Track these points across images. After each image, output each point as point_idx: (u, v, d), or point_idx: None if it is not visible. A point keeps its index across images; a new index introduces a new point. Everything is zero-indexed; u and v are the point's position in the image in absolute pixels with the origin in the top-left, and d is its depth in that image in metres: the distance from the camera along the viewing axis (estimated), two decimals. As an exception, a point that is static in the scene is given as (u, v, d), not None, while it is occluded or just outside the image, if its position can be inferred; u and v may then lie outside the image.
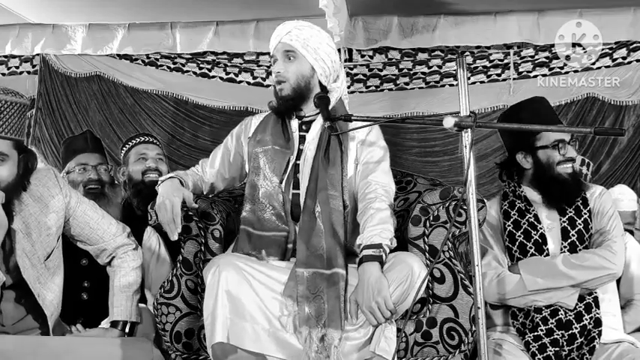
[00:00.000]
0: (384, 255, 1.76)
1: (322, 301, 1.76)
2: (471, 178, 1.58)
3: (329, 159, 1.94)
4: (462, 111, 1.60)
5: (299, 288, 1.78)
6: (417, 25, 4.68)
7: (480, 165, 4.30)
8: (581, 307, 1.98)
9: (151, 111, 5.05)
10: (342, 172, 1.94)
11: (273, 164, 1.96)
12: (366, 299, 1.70)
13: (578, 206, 2.08)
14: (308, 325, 1.74)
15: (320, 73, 1.97)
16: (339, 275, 1.80)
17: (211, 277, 1.72)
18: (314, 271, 1.81)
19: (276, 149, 1.98)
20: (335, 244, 1.85)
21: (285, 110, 2.01)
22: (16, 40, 5.10)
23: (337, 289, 1.78)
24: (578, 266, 1.96)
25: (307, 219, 1.89)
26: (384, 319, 1.70)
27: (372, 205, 1.85)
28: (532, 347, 1.95)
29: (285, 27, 1.98)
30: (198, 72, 5.04)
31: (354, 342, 1.75)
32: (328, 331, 1.73)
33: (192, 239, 2.04)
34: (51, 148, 5.06)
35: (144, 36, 4.98)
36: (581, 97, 4.57)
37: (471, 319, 1.86)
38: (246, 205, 1.97)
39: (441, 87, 4.77)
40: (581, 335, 1.96)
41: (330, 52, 1.98)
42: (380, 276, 1.71)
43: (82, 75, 5.10)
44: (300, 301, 1.77)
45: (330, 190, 1.91)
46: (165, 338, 1.96)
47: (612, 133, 1.65)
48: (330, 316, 1.74)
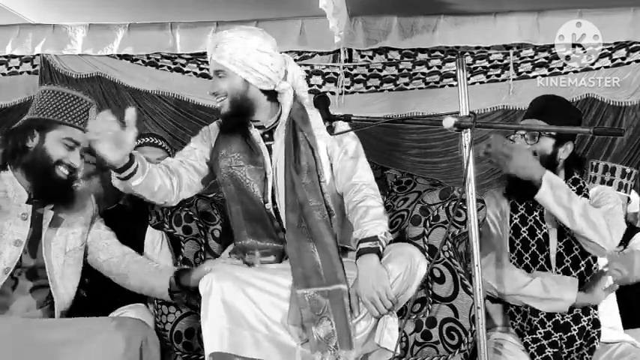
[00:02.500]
0: (381, 247, 1.76)
1: (330, 322, 1.72)
2: (471, 178, 1.58)
3: (301, 166, 1.89)
4: (462, 111, 1.60)
5: (302, 312, 1.73)
6: (417, 26, 4.68)
7: (480, 166, 4.29)
8: (578, 310, 1.97)
9: (151, 111, 5.05)
10: (318, 179, 1.89)
11: (253, 184, 1.91)
12: (366, 290, 1.69)
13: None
14: (320, 350, 1.70)
15: (255, 83, 1.89)
16: (342, 291, 1.76)
17: (205, 287, 1.71)
18: (315, 290, 1.76)
19: (251, 168, 1.92)
20: (329, 258, 1.80)
21: (231, 127, 1.96)
22: (17, 41, 5.11)
23: (342, 306, 1.73)
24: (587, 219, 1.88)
25: (293, 237, 1.84)
26: (385, 310, 1.70)
27: (362, 203, 1.84)
28: (531, 348, 1.95)
29: (212, 41, 1.91)
30: (198, 72, 5.04)
31: (357, 337, 1.75)
32: (341, 353, 1.70)
33: (192, 239, 2.05)
34: (51, 149, 5.06)
35: (144, 36, 4.98)
36: (581, 97, 4.57)
37: (471, 319, 1.86)
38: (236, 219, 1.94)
39: (440, 87, 4.77)
40: (580, 337, 1.96)
41: (261, 57, 1.87)
42: (379, 266, 1.72)
43: (83, 75, 5.11)
44: (306, 326, 1.72)
45: (312, 201, 1.85)
46: (166, 338, 1.97)
47: (611, 134, 1.65)
48: (340, 337, 1.71)
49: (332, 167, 1.95)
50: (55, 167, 1.82)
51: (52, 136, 1.82)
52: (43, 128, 1.83)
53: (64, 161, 1.83)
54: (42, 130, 1.83)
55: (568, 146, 2.06)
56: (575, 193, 1.96)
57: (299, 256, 1.81)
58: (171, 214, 2.04)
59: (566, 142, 2.05)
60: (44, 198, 1.85)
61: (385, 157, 4.60)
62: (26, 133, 1.83)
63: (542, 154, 2.03)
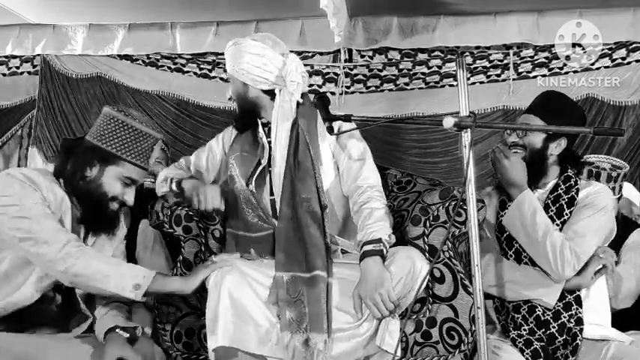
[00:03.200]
0: (385, 249, 1.79)
1: (303, 305, 1.76)
2: (471, 178, 1.58)
3: (299, 162, 1.95)
4: (462, 111, 1.60)
5: (279, 292, 1.78)
6: (417, 26, 4.68)
7: (480, 166, 4.29)
8: (559, 306, 1.96)
9: (151, 111, 5.05)
10: (314, 174, 1.94)
11: (242, 168, 2.02)
12: (369, 292, 1.71)
13: (561, 200, 2.04)
14: (290, 331, 1.74)
15: (252, 84, 2.00)
16: (320, 277, 1.79)
17: (213, 280, 1.73)
18: (293, 274, 1.81)
19: (244, 155, 2.04)
20: (313, 246, 1.84)
21: (242, 126, 2.10)
22: (17, 41, 5.11)
23: (318, 292, 1.77)
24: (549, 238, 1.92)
25: (283, 225, 1.90)
26: (387, 312, 1.72)
27: (367, 205, 1.89)
28: (518, 344, 1.94)
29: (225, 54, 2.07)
30: (198, 72, 5.04)
31: (359, 339, 1.76)
32: (311, 335, 1.73)
33: (192, 239, 2.05)
34: (52, 149, 5.07)
35: (144, 36, 4.98)
36: (581, 97, 4.56)
37: (471, 319, 1.86)
38: (230, 210, 2.01)
39: (440, 87, 4.77)
40: (562, 333, 1.93)
41: (253, 58, 1.97)
42: (382, 269, 1.74)
43: (83, 75, 5.11)
44: (280, 305, 1.76)
45: (303, 194, 1.91)
46: (166, 338, 1.97)
47: (611, 134, 1.65)
48: (312, 319, 1.74)
49: (338, 168, 2.02)
50: (109, 202, 1.80)
51: (112, 171, 1.78)
52: (105, 160, 1.78)
53: (118, 197, 1.80)
54: (103, 162, 1.78)
55: (562, 142, 2.03)
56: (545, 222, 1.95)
57: (285, 243, 1.87)
58: (171, 214, 2.04)
59: (559, 138, 2.02)
60: (91, 228, 1.83)
61: (385, 157, 4.60)
62: (86, 161, 1.78)
63: (532, 148, 2.02)
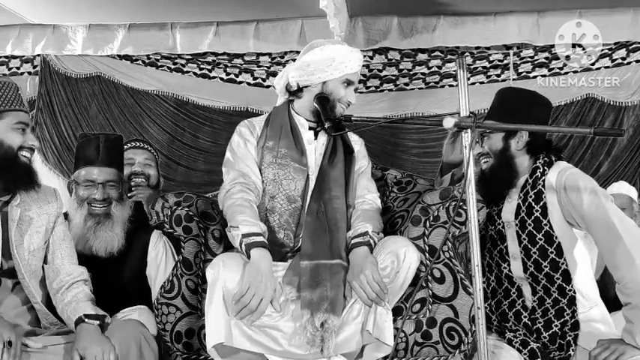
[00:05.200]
0: (372, 241, 1.84)
1: (325, 288, 1.78)
2: (471, 178, 1.58)
3: (333, 163, 1.99)
4: (462, 111, 1.61)
5: (302, 278, 1.80)
6: (417, 26, 4.68)
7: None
8: (551, 313, 1.88)
9: (151, 111, 5.05)
10: (345, 175, 1.99)
11: (294, 183, 1.98)
12: (355, 274, 1.76)
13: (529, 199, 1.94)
14: (310, 309, 1.75)
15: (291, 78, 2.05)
16: (341, 265, 1.82)
17: (212, 277, 1.73)
18: (317, 262, 1.83)
19: (296, 167, 1.98)
20: (338, 239, 1.88)
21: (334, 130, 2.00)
22: (17, 41, 5.12)
23: (339, 278, 1.80)
24: None
25: (311, 219, 1.92)
26: (373, 294, 1.72)
27: (359, 207, 1.98)
28: (515, 344, 1.88)
29: None
30: (198, 72, 5.04)
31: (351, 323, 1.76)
32: (330, 316, 1.74)
33: (192, 239, 2.05)
34: (52, 149, 5.07)
35: (144, 36, 4.99)
36: (581, 97, 4.57)
37: (471, 319, 1.86)
38: (260, 212, 1.94)
39: (440, 87, 4.77)
40: (553, 342, 1.86)
41: (300, 57, 2.06)
42: (367, 254, 1.80)
43: (83, 75, 5.11)
44: (302, 287, 1.79)
45: (334, 191, 1.96)
46: (166, 338, 1.97)
47: (611, 134, 1.64)
48: (332, 302, 1.76)
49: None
50: (18, 152, 1.83)
51: (2, 125, 1.81)
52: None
53: (24, 145, 1.84)
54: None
55: (523, 135, 1.95)
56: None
57: (312, 235, 1.89)
58: (171, 214, 2.04)
59: (517, 133, 1.95)
60: (13, 184, 1.84)
61: (385, 157, 4.61)
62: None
63: (494, 151, 1.98)
